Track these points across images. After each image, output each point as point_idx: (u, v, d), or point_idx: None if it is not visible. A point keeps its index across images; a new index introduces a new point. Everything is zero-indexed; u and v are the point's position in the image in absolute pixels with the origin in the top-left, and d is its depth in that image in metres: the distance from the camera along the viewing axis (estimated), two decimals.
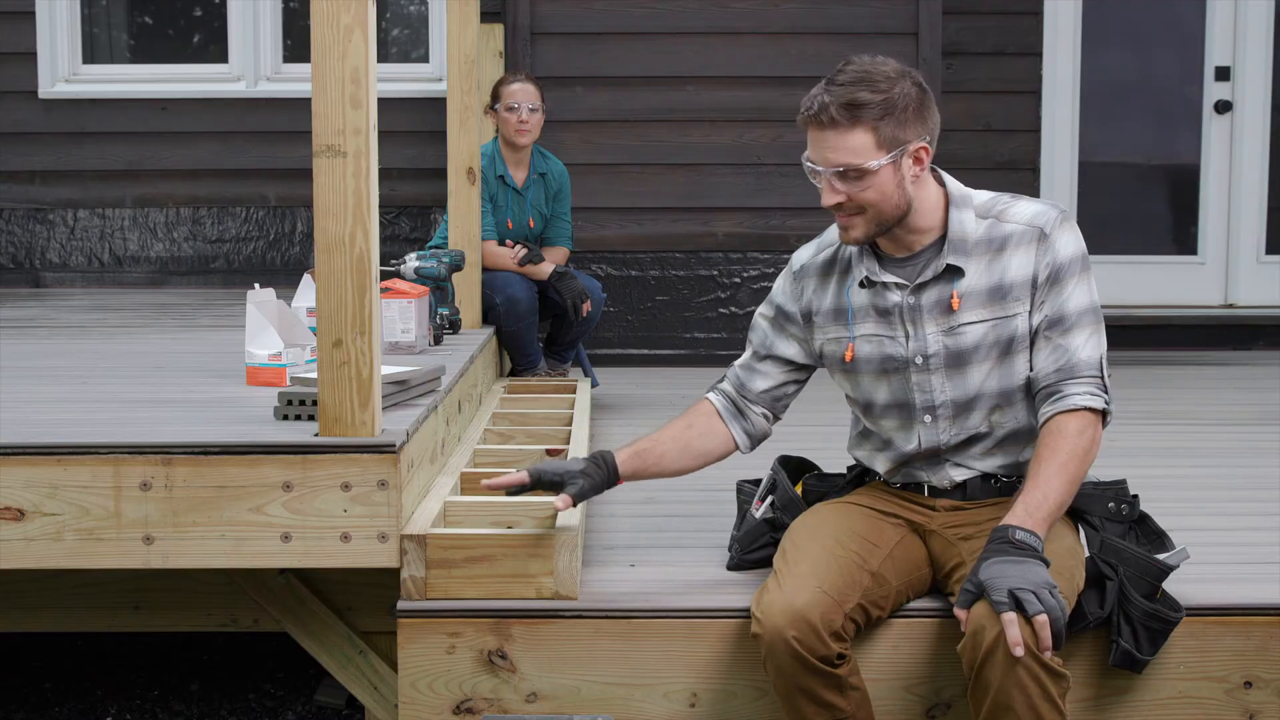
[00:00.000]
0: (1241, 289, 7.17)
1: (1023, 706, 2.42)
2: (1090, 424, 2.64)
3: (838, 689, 2.59)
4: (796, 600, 2.58)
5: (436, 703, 2.82)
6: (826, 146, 2.63)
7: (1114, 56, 7.15)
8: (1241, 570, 3.08)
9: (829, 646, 2.56)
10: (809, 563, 2.67)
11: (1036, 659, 2.41)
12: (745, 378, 2.94)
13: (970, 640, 2.48)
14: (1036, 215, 2.72)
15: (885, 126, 2.61)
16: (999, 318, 2.70)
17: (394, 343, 4.18)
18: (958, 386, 2.73)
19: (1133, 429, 4.79)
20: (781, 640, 2.56)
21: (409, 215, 6.88)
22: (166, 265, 6.97)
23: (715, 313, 6.51)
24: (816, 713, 2.60)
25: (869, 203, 2.64)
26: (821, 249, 2.88)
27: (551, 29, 6.40)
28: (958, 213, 2.73)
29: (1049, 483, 2.59)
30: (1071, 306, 2.68)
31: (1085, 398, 2.64)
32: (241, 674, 4.30)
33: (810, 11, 6.40)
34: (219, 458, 2.83)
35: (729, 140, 6.44)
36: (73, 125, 6.90)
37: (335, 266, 2.79)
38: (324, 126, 2.76)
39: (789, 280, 2.91)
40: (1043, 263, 2.69)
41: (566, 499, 2.77)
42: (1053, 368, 2.67)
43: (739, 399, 2.93)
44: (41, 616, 3.37)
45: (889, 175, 2.63)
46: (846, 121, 2.60)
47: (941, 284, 2.72)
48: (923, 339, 2.74)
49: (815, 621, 2.56)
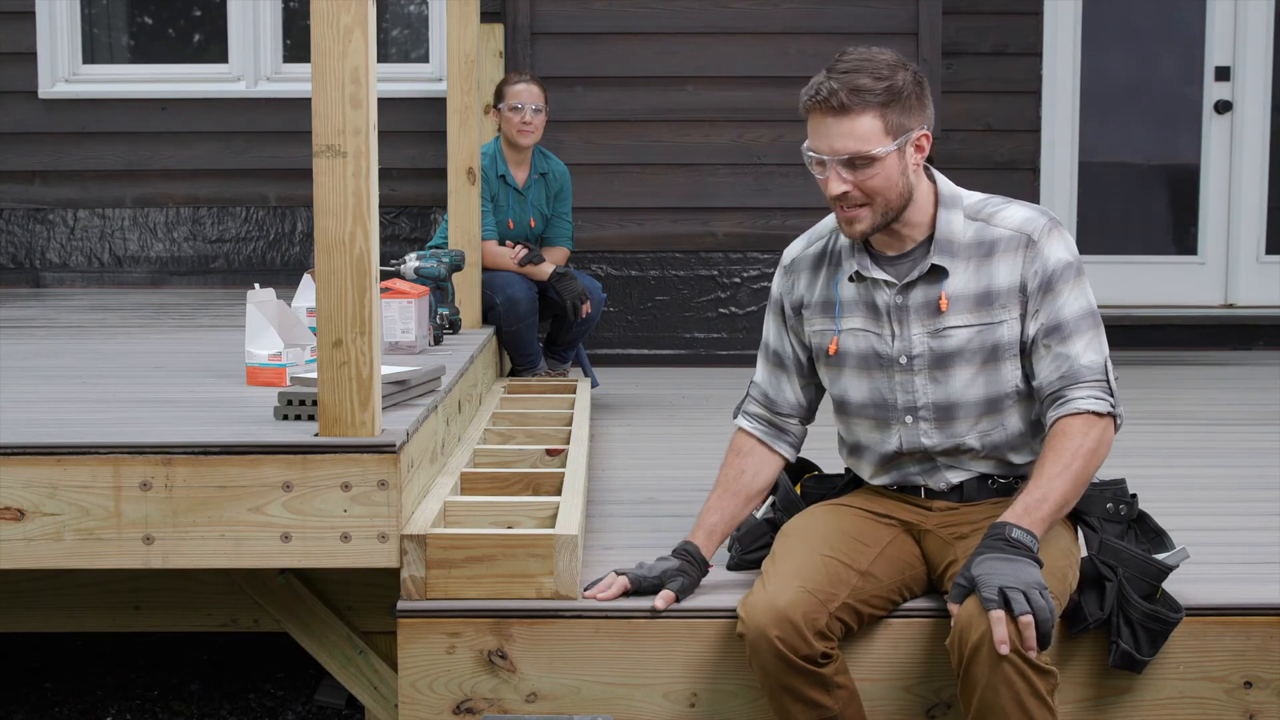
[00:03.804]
0: (1241, 289, 7.17)
1: (1010, 703, 2.42)
2: (1095, 426, 2.63)
3: (823, 687, 2.60)
4: (779, 600, 2.59)
5: (436, 703, 2.82)
6: (834, 134, 2.60)
7: (1114, 56, 7.15)
8: (1241, 570, 3.08)
9: (812, 645, 2.57)
10: (794, 563, 2.68)
11: (1022, 656, 2.41)
12: (771, 394, 2.93)
13: (958, 637, 2.48)
14: (1025, 222, 2.70)
15: (891, 113, 2.60)
16: (985, 324, 2.70)
17: (394, 343, 4.18)
18: (941, 389, 2.73)
19: (1133, 429, 4.75)
20: (764, 639, 2.57)
21: (409, 215, 6.88)
22: (166, 265, 6.97)
23: (715, 313, 6.51)
24: (802, 711, 2.61)
25: (876, 191, 2.63)
26: (812, 241, 2.88)
27: (552, 29, 6.41)
28: (946, 213, 2.71)
29: (1050, 483, 2.58)
30: (1067, 313, 2.67)
31: (1089, 401, 2.63)
32: (241, 674, 4.30)
33: (810, 11, 6.40)
34: (219, 458, 2.83)
35: (729, 140, 6.44)
36: (73, 125, 6.91)
37: (335, 266, 2.79)
38: (324, 126, 2.76)
39: (782, 276, 2.91)
40: (1031, 270, 2.67)
41: (669, 596, 2.79)
42: (1055, 375, 2.66)
43: (772, 417, 2.93)
44: (41, 616, 3.37)
45: (895, 162, 2.62)
46: (855, 107, 2.58)
47: (928, 285, 2.71)
48: (908, 339, 2.73)
49: (798, 620, 2.56)
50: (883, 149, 2.60)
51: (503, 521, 3.09)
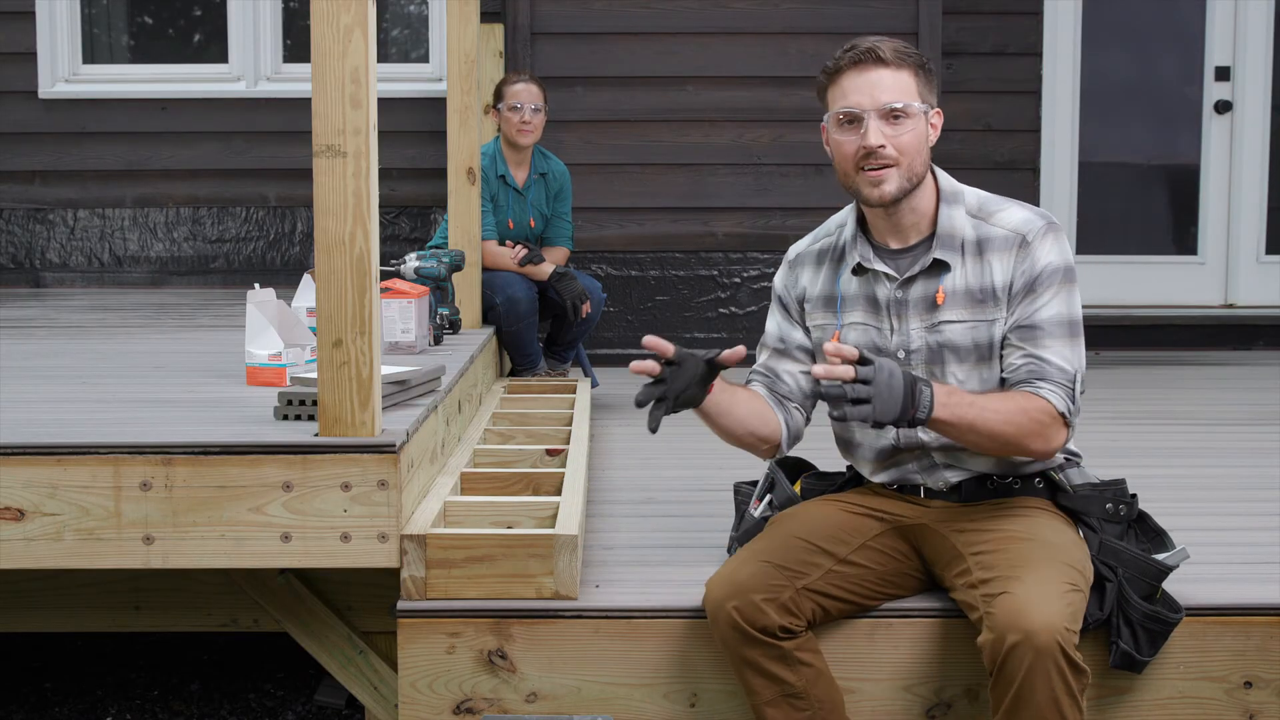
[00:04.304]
0: (1241, 289, 7.17)
1: (1045, 699, 2.41)
2: (1050, 415, 2.63)
3: (782, 661, 2.61)
4: (740, 573, 2.64)
5: (436, 703, 2.82)
6: (876, 86, 2.64)
7: (1114, 56, 7.15)
8: (1241, 570, 3.08)
9: (770, 617, 2.59)
10: (765, 543, 2.73)
11: (1064, 652, 2.40)
12: (772, 376, 2.91)
13: (998, 632, 2.45)
14: (1022, 223, 2.71)
15: (921, 77, 2.68)
16: (979, 320, 2.70)
17: (394, 343, 4.18)
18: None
19: (1133, 429, 4.79)
20: (722, 611, 2.62)
21: (409, 215, 6.87)
22: (166, 265, 6.97)
23: (715, 313, 6.51)
24: (764, 685, 2.63)
25: (906, 149, 2.65)
26: (818, 239, 2.90)
27: (552, 29, 6.41)
28: (947, 208, 2.74)
29: (984, 410, 2.58)
30: (1044, 316, 2.67)
31: (1053, 396, 2.63)
32: (241, 674, 4.30)
33: (810, 11, 6.41)
34: (219, 458, 2.83)
35: (729, 140, 6.44)
36: (73, 125, 6.90)
37: (335, 266, 2.79)
38: (324, 126, 2.76)
39: (785, 271, 2.92)
40: (1019, 271, 2.68)
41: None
42: (1024, 372, 2.67)
43: (775, 393, 2.90)
44: (41, 616, 3.37)
45: (923, 127, 2.68)
46: (896, 62, 2.65)
47: (928, 279, 2.73)
48: (906, 334, 2.74)
49: (756, 591, 2.60)
50: (919, 106, 2.66)
51: (503, 521, 3.09)
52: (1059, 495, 2.80)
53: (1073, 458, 2.82)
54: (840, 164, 2.71)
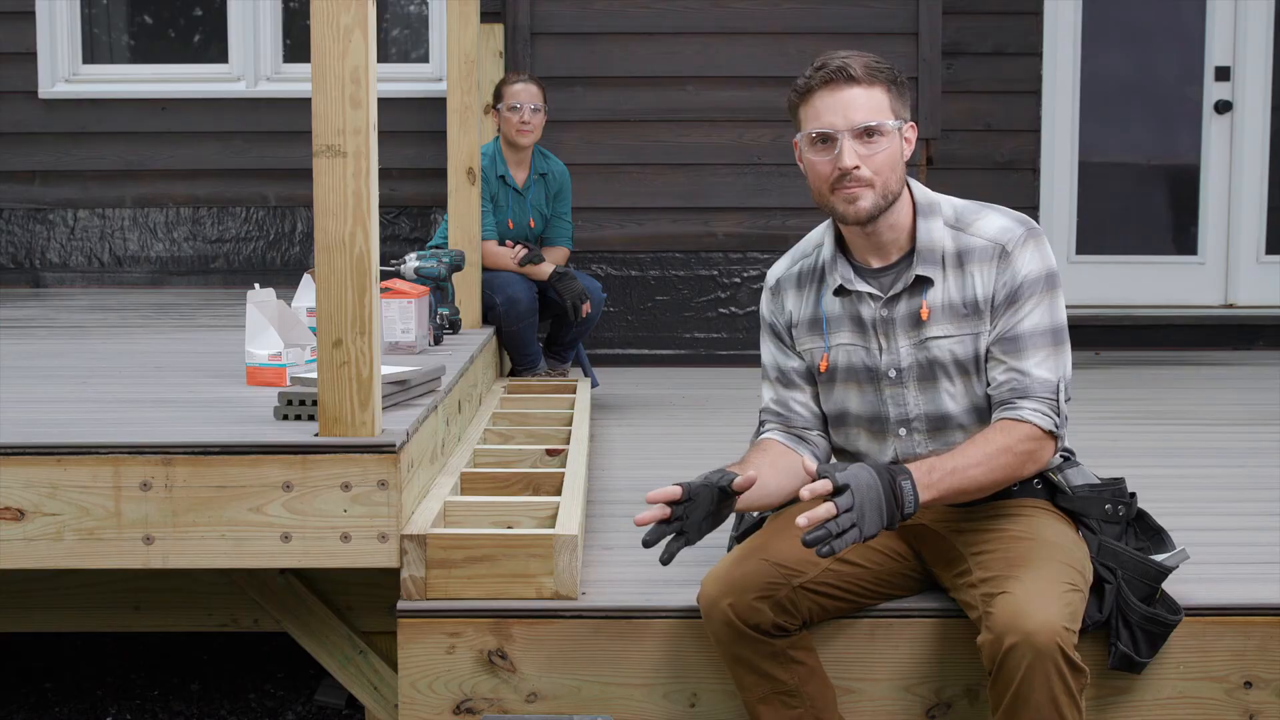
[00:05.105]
0: (1241, 289, 7.17)
1: (1044, 699, 2.41)
2: (1034, 438, 2.61)
3: (775, 659, 2.61)
4: (735, 571, 2.63)
5: (436, 703, 2.82)
6: (849, 105, 2.61)
7: (1114, 56, 7.16)
8: (1241, 570, 3.08)
9: (764, 615, 2.59)
10: (762, 539, 2.71)
11: (1063, 653, 2.40)
12: (784, 411, 2.86)
13: (998, 631, 2.45)
14: (1000, 232, 2.68)
15: (893, 93, 2.65)
16: (965, 334, 2.68)
17: (394, 343, 4.18)
18: (931, 401, 2.72)
19: (1133, 429, 4.79)
20: (717, 609, 2.62)
21: (409, 215, 6.88)
22: (166, 265, 6.97)
23: (715, 313, 6.51)
24: (756, 683, 2.63)
25: (880, 168, 2.62)
26: (795, 261, 2.86)
27: (551, 29, 6.41)
28: (925, 222, 2.71)
29: (968, 467, 2.56)
30: (1025, 327, 2.65)
31: (1036, 415, 2.62)
32: (241, 674, 4.30)
33: (810, 11, 6.40)
34: (219, 458, 2.83)
35: (729, 140, 6.44)
36: (73, 125, 6.91)
37: (335, 266, 2.79)
38: (324, 126, 2.76)
39: (769, 298, 2.88)
40: (1000, 282, 2.66)
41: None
42: (1006, 387, 2.65)
43: (792, 430, 2.86)
44: (41, 616, 3.36)
45: (897, 144, 2.64)
46: (867, 79, 2.61)
47: (912, 296, 2.71)
48: (895, 352, 2.73)
49: (751, 589, 2.59)
50: (892, 123, 2.63)
51: (503, 521, 3.09)
52: (1058, 497, 2.79)
53: (1069, 458, 2.82)
54: (815, 183, 2.67)
